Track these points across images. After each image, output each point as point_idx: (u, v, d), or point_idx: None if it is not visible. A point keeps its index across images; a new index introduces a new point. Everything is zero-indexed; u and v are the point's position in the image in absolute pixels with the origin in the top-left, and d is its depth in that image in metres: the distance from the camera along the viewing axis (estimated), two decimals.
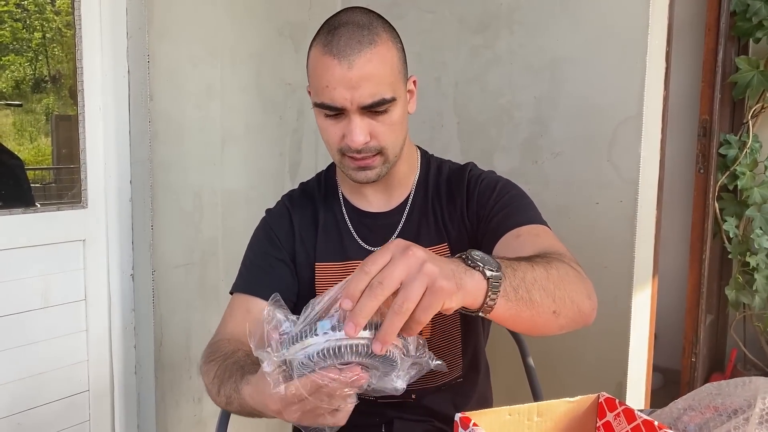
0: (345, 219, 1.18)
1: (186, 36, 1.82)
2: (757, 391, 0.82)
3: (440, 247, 1.13)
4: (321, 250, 1.16)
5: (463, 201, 1.15)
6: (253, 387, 0.79)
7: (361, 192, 1.18)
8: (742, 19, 2.52)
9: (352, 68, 0.96)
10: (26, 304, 1.63)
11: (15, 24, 1.77)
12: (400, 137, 1.07)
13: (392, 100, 1.01)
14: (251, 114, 2.04)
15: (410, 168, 1.19)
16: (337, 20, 1.02)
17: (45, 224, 1.66)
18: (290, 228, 1.18)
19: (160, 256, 1.79)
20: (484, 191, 1.13)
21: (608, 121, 1.75)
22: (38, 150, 1.86)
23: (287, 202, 1.22)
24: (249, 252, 1.20)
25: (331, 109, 1.01)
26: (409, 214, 1.16)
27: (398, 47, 1.05)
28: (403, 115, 1.06)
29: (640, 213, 1.72)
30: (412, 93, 1.12)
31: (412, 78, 1.11)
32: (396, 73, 1.02)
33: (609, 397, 0.81)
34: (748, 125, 2.62)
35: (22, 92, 1.83)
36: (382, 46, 0.99)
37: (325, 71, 0.99)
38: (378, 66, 0.98)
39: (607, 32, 1.74)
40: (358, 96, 0.98)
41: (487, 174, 1.18)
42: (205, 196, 1.91)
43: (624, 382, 1.74)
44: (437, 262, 0.66)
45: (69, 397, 1.73)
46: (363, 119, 1.01)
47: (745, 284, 2.67)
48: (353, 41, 0.98)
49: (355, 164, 1.05)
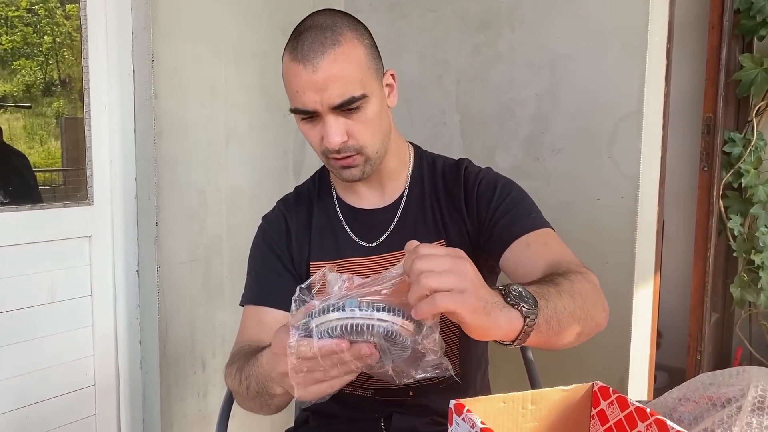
0: (339, 217, 1.18)
1: (190, 35, 1.84)
2: (750, 380, 0.83)
3: (437, 244, 1.13)
4: (315, 249, 1.16)
5: (461, 199, 1.14)
6: (270, 349, 0.81)
7: (353, 189, 1.18)
8: (746, 16, 2.52)
9: (317, 71, 0.97)
10: (33, 299, 1.66)
11: (26, 29, 1.80)
12: (378, 134, 1.06)
13: (362, 98, 1.00)
14: (255, 112, 2.06)
15: (401, 163, 1.19)
16: (303, 25, 1.03)
17: (51, 221, 1.69)
18: (287, 231, 1.18)
19: (164, 253, 1.81)
20: (485, 192, 1.13)
21: (609, 118, 1.76)
22: (48, 152, 1.88)
23: (282, 206, 1.23)
24: (252, 262, 1.21)
25: (304, 113, 1.02)
26: (405, 210, 1.16)
27: (366, 44, 1.04)
28: (379, 112, 1.05)
29: (641, 209, 1.72)
30: (392, 87, 1.11)
31: (389, 72, 1.11)
32: (365, 70, 1.02)
33: (603, 385, 0.82)
34: (752, 123, 2.61)
35: (32, 96, 1.85)
36: (346, 45, 1.00)
37: (293, 77, 1.00)
38: (343, 66, 0.98)
39: (607, 29, 1.75)
40: (327, 97, 0.98)
41: (485, 172, 1.17)
42: (210, 193, 1.93)
43: (626, 377, 1.74)
44: (479, 284, 0.72)
45: (75, 392, 1.75)
46: (337, 119, 1.01)
47: (750, 282, 2.67)
48: (316, 44, 0.98)
49: (338, 164, 1.06)
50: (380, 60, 1.08)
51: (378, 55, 1.07)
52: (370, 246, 1.15)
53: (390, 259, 1.13)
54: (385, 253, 1.13)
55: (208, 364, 1.96)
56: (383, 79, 1.08)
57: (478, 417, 0.71)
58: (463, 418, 0.72)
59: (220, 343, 1.98)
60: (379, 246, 1.14)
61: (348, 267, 1.14)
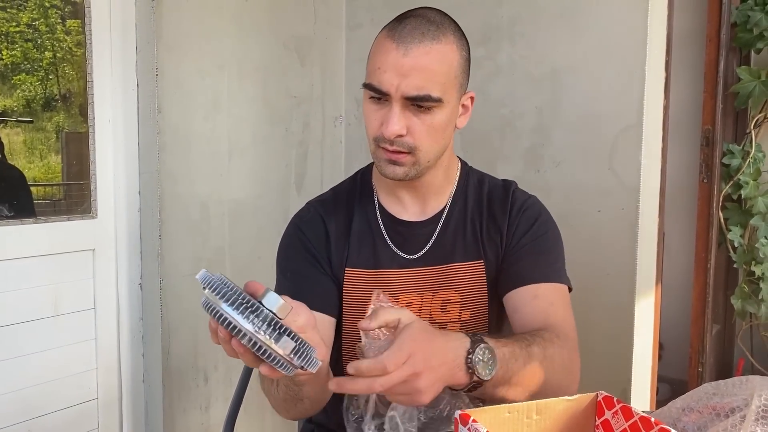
0: (379, 225, 1.15)
1: (194, 50, 1.85)
2: (753, 390, 0.83)
3: (476, 264, 1.12)
4: (353, 255, 1.13)
5: (504, 221, 1.12)
6: None
7: (396, 196, 1.15)
8: (743, 30, 2.54)
9: (407, 55, 0.96)
10: (36, 312, 1.66)
11: (26, 44, 1.81)
12: (437, 144, 1.04)
13: (437, 101, 0.98)
14: (257, 126, 2.07)
15: (448, 179, 1.16)
16: (411, 12, 1.02)
17: (55, 234, 1.69)
18: (326, 235, 1.14)
19: (167, 266, 1.82)
20: (524, 222, 1.11)
21: (609, 130, 1.77)
22: (48, 167, 1.89)
23: (319, 207, 1.18)
24: (287, 262, 1.16)
25: (376, 92, 0.99)
26: (445, 225, 1.13)
27: (462, 55, 1.03)
28: (446, 123, 1.03)
29: (642, 220, 1.73)
30: (467, 109, 1.10)
31: (469, 93, 1.09)
32: (451, 77, 1.00)
33: (607, 395, 0.82)
34: (750, 135, 2.63)
35: (32, 110, 1.86)
36: (445, 45, 0.98)
37: (382, 53, 0.99)
38: (434, 61, 0.97)
39: (606, 43, 1.77)
40: (405, 85, 0.96)
41: (532, 202, 1.15)
42: (212, 206, 1.94)
43: (628, 388, 1.74)
44: (431, 384, 0.81)
45: (78, 405, 1.75)
46: (404, 111, 0.99)
47: (751, 293, 2.67)
48: (417, 31, 0.97)
49: (386, 156, 1.02)
50: (468, 78, 1.07)
51: (468, 72, 1.06)
52: (408, 258, 1.13)
53: (424, 273, 1.11)
54: (421, 267, 1.12)
55: (211, 377, 1.96)
56: (463, 97, 1.07)
57: (484, 427, 0.71)
58: (469, 428, 0.72)
59: (223, 357, 1.97)
60: (416, 260, 1.12)
61: (383, 278, 1.12)
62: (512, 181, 1.19)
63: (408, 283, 1.11)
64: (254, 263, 2.04)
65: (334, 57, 2.30)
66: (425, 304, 1.11)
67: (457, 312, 1.10)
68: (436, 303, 1.11)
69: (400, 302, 1.10)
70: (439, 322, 1.10)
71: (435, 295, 1.11)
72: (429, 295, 1.11)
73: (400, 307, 0.89)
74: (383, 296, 0.93)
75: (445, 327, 1.10)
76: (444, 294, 1.11)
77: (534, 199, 1.17)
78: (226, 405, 1.25)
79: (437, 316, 1.11)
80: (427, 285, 1.11)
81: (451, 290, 1.11)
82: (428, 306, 1.11)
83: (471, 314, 1.11)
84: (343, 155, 2.36)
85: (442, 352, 0.83)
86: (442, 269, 1.11)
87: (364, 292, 1.11)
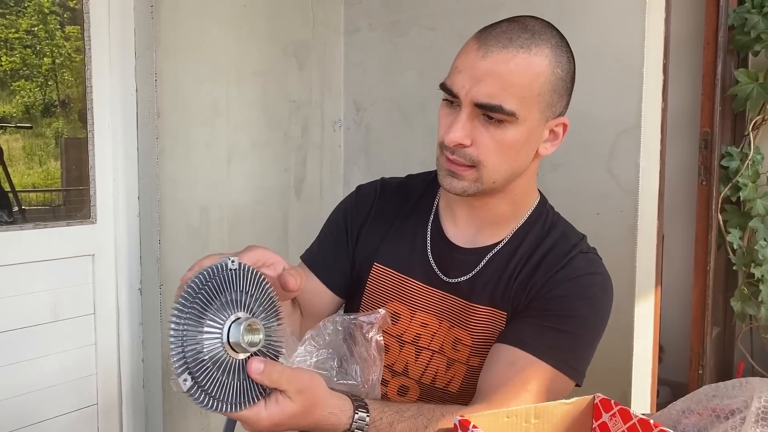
0: (426, 233, 1.07)
1: (192, 55, 1.86)
2: (753, 391, 0.83)
3: (499, 313, 1.01)
4: (386, 251, 1.08)
5: (542, 280, 0.98)
6: None
7: (453, 211, 1.06)
8: (740, 32, 2.55)
9: (486, 59, 0.88)
10: (36, 318, 1.66)
11: (25, 51, 1.82)
12: (506, 163, 0.93)
13: (510, 115, 0.89)
14: (256, 131, 2.07)
15: (515, 213, 1.04)
16: (513, 17, 0.95)
17: (55, 239, 1.69)
18: (367, 212, 1.10)
19: (167, 271, 1.82)
20: (561, 291, 0.97)
21: (607, 133, 1.78)
22: (48, 173, 1.89)
23: (379, 187, 1.14)
24: (327, 224, 1.15)
25: (447, 92, 0.93)
26: (488, 263, 1.02)
27: (556, 72, 0.92)
28: (520, 143, 0.92)
29: (641, 223, 1.73)
30: (556, 136, 0.98)
31: (562, 120, 0.97)
32: (534, 93, 0.90)
33: (604, 398, 0.82)
34: (749, 137, 2.63)
35: (32, 116, 1.87)
36: (534, 56, 0.89)
37: (462, 53, 0.93)
38: (514, 70, 0.88)
39: (604, 46, 1.77)
40: (476, 90, 0.88)
41: (588, 278, 0.99)
42: (212, 211, 1.94)
43: (628, 391, 1.74)
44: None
45: (78, 411, 1.75)
46: (472, 119, 0.91)
47: (750, 296, 2.67)
48: (505, 36, 0.90)
49: (447, 165, 0.94)
50: (563, 101, 0.96)
51: (562, 94, 0.95)
52: (441, 279, 1.05)
53: (449, 301, 1.04)
54: (448, 293, 1.04)
55: None
56: (551, 121, 0.96)
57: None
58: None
59: None
60: (447, 284, 1.04)
61: (409, 287, 1.06)
62: (587, 245, 1.05)
63: (430, 304, 1.05)
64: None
65: (333, 61, 2.30)
66: (440, 332, 1.04)
67: (466, 355, 1.02)
68: (449, 337, 1.03)
69: (416, 319, 1.05)
70: (448, 356, 1.03)
71: (451, 328, 1.03)
72: (446, 325, 1.04)
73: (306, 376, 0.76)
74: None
75: (453, 364, 1.03)
76: (458, 332, 1.03)
77: (599, 278, 1.01)
78: None
79: (448, 352, 1.03)
80: (448, 315, 1.03)
81: (465, 331, 1.02)
82: (442, 336, 1.04)
83: (481, 361, 0.99)
84: (342, 159, 2.37)
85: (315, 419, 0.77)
86: (466, 306, 1.02)
87: (385, 292, 1.07)
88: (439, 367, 1.04)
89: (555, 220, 1.08)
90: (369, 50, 2.27)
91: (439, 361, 1.04)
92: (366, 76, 2.29)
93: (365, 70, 2.29)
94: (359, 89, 2.31)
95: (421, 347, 1.05)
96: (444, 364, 1.04)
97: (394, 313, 1.06)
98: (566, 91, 0.96)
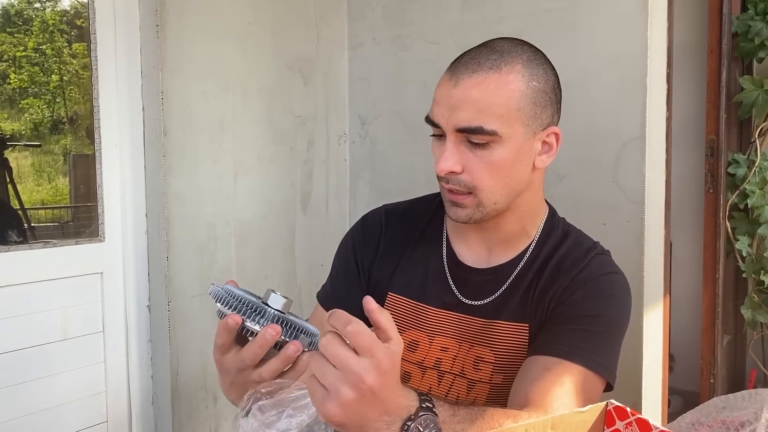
0: (442, 258, 1.07)
1: (198, 72, 1.88)
2: (763, 403, 0.83)
3: (521, 327, 1.01)
4: (400, 281, 1.07)
5: (562, 286, 0.99)
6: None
7: (464, 234, 1.07)
8: (744, 39, 2.55)
9: (458, 86, 0.91)
10: (46, 336, 1.67)
11: (32, 68, 1.84)
12: (501, 183, 0.94)
13: (493, 134, 0.90)
14: (262, 146, 2.09)
15: (525, 230, 1.05)
16: (482, 42, 0.97)
17: (63, 258, 1.71)
18: (376, 246, 1.10)
19: (175, 287, 1.83)
20: (582, 293, 0.98)
21: (612, 143, 1.78)
22: (56, 189, 1.91)
23: (384, 217, 1.14)
24: (336, 260, 1.15)
25: (431, 124, 0.96)
26: (510, 281, 1.04)
27: (532, 85, 0.93)
28: (510, 160, 0.92)
29: (648, 232, 1.73)
30: (550, 147, 0.98)
31: (552, 129, 0.98)
32: (513, 109, 0.91)
33: (618, 405, 0.82)
34: (755, 144, 2.63)
35: (40, 134, 1.88)
36: (505, 74, 0.91)
37: (438, 86, 0.95)
38: (486, 92, 0.89)
39: (607, 56, 1.78)
40: (454, 117, 0.91)
41: (608, 278, 1.00)
42: (219, 227, 1.95)
43: (639, 401, 1.73)
44: (342, 413, 0.65)
45: (88, 428, 1.76)
46: (458, 146, 0.92)
47: (761, 303, 2.65)
48: (473, 61, 0.92)
49: (449, 196, 0.96)
50: (548, 112, 0.96)
51: (546, 105, 0.96)
52: (456, 302, 1.05)
53: (466, 322, 1.04)
54: (465, 314, 1.04)
55: (220, 398, 1.96)
56: (540, 133, 0.96)
57: None
58: None
59: None
60: (464, 305, 1.04)
61: (424, 314, 1.06)
62: (601, 248, 1.06)
63: (448, 327, 1.05)
64: (261, 282, 2.05)
65: (337, 76, 2.32)
66: (461, 354, 1.04)
67: (489, 373, 1.01)
68: (470, 357, 1.03)
69: (435, 344, 1.05)
70: (469, 377, 1.03)
71: (471, 348, 1.03)
72: (466, 347, 1.03)
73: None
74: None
75: (474, 386, 1.02)
76: (479, 350, 1.02)
77: (617, 277, 1.02)
78: (237, 426, 1.25)
79: (468, 372, 1.03)
80: (467, 336, 1.03)
81: (486, 348, 1.01)
82: (463, 357, 1.03)
83: (504, 378, 1.00)
84: (348, 173, 2.37)
85: (385, 405, 0.69)
86: (485, 324, 1.02)
87: (401, 321, 1.06)
88: (460, 391, 1.03)
89: (567, 229, 1.09)
90: (373, 64, 2.28)
91: (460, 385, 1.03)
92: (371, 90, 2.30)
93: (370, 84, 2.30)
94: (364, 103, 2.32)
95: (443, 371, 1.05)
96: (464, 388, 1.03)
97: (412, 341, 1.06)
98: (550, 102, 0.97)
